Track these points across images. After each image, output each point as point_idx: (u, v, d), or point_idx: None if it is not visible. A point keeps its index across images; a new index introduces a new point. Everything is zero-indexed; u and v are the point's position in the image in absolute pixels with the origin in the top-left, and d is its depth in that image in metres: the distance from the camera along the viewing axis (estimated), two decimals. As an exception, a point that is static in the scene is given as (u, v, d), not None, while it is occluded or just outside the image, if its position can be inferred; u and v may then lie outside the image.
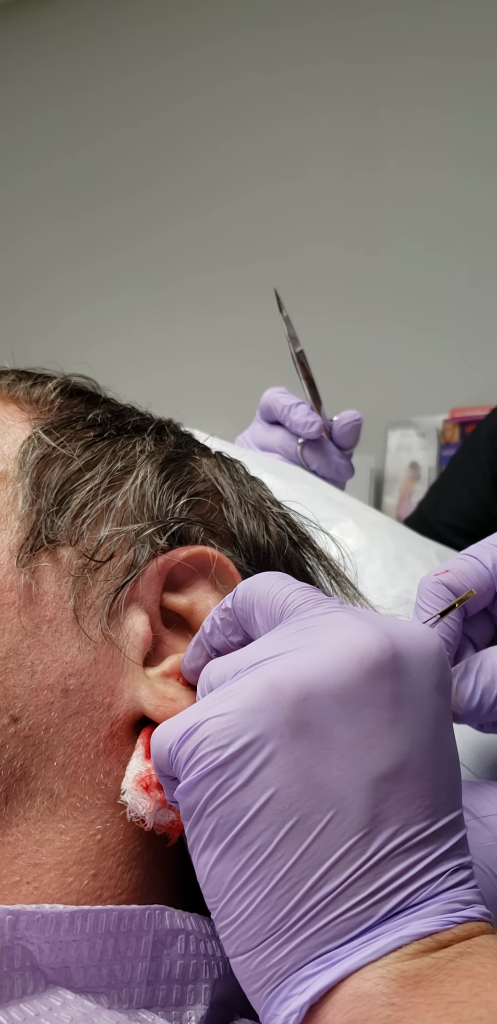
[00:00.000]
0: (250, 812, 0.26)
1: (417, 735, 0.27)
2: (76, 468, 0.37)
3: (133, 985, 0.31)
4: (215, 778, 0.26)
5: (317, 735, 0.26)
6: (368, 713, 0.26)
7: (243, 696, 0.27)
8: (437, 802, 0.26)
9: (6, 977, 0.28)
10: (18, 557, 0.35)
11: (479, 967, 0.25)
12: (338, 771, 0.26)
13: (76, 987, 0.29)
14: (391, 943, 0.25)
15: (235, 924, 0.26)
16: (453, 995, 0.24)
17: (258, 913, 0.26)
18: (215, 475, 0.41)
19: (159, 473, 0.39)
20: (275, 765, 0.26)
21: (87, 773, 0.33)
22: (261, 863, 0.26)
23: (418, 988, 0.24)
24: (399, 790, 0.26)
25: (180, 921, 0.33)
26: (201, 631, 0.34)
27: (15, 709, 0.33)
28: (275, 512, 0.43)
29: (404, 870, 0.25)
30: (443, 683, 0.28)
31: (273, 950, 0.26)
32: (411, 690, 0.27)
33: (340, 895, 0.25)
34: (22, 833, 0.32)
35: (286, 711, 0.26)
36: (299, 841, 0.25)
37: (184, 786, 0.27)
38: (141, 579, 0.36)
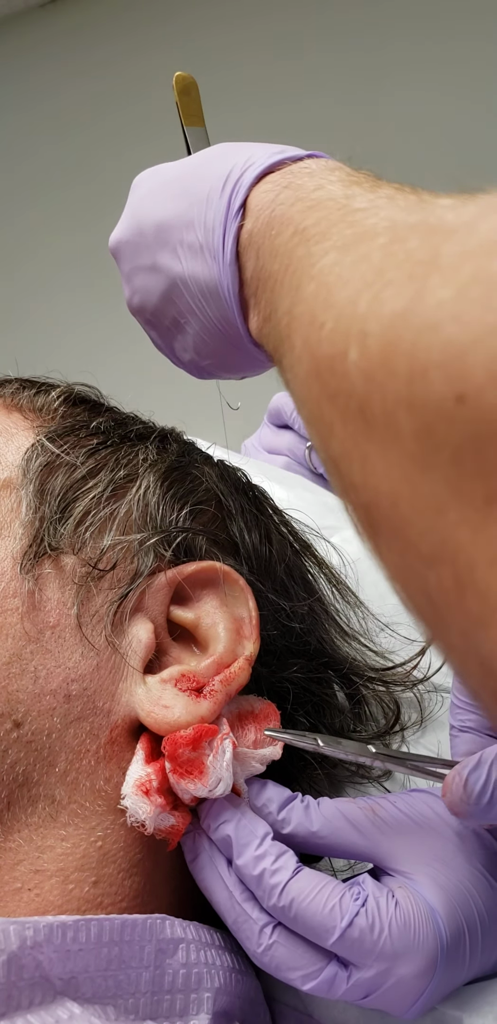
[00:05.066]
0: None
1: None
2: (79, 476, 0.38)
3: (138, 995, 0.31)
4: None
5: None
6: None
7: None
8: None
9: (14, 987, 0.28)
10: (21, 564, 0.35)
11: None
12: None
13: (84, 997, 0.29)
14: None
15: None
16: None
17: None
18: (217, 484, 0.41)
19: (162, 482, 0.39)
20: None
21: (88, 779, 0.33)
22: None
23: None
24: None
25: (181, 930, 0.33)
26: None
27: (18, 714, 0.33)
28: (277, 520, 0.44)
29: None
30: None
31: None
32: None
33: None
34: (24, 839, 0.32)
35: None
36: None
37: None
38: (148, 590, 0.36)
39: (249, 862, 0.32)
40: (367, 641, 0.46)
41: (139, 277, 0.38)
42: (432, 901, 0.32)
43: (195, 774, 0.33)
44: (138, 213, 0.38)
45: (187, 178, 0.36)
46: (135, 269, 0.39)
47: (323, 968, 0.31)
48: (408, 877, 0.33)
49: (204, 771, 0.33)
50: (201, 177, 0.35)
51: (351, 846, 0.34)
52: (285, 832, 0.34)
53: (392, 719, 0.43)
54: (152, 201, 0.37)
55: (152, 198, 0.38)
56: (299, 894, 0.31)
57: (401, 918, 0.31)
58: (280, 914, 0.32)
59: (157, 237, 0.37)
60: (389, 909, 0.31)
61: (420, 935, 0.31)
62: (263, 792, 0.35)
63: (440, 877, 0.33)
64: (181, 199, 0.36)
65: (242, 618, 0.37)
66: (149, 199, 0.38)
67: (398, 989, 0.31)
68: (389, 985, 0.31)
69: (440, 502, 0.19)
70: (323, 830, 0.34)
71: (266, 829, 0.33)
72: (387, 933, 0.31)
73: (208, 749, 0.34)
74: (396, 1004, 0.31)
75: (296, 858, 0.33)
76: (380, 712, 0.44)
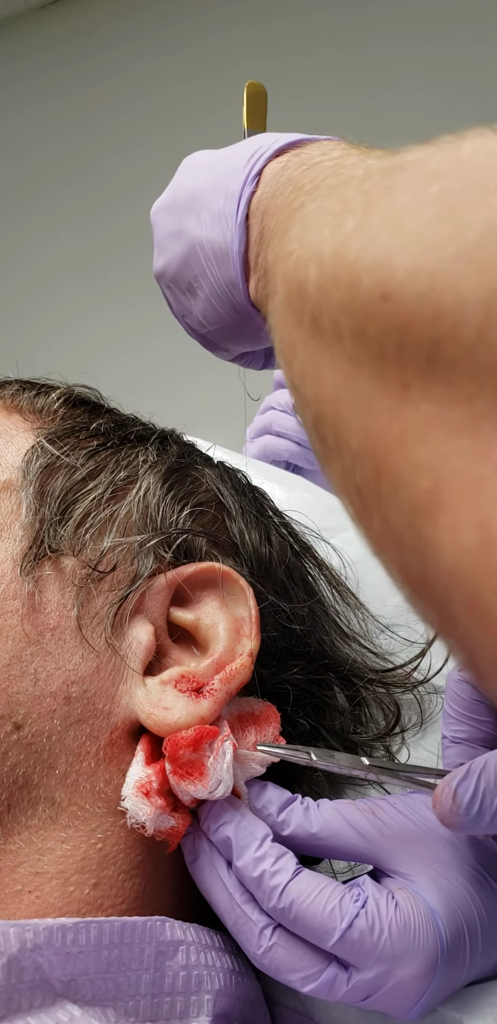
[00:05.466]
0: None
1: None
2: (80, 477, 0.38)
3: (138, 997, 0.31)
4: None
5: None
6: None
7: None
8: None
9: (14, 990, 0.28)
10: (21, 566, 0.35)
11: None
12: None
13: (84, 1000, 0.29)
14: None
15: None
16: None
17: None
18: (217, 485, 0.41)
19: (162, 484, 0.39)
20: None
21: (88, 781, 0.33)
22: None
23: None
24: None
25: (181, 932, 0.33)
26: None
27: (18, 716, 0.33)
28: (277, 521, 0.44)
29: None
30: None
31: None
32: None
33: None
34: (24, 841, 0.32)
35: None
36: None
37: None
38: (148, 592, 0.36)
39: (249, 864, 0.32)
40: (367, 643, 0.46)
41: (166, 241, 0.42)
42: (432, 903, 0.32)
43: (195, 775, 0.33)
44: (176, 185, 0.42)
45: (223, 156, 0.39)
46: (165, 234, 0.42)
47: (323, 970, 0.31)
48: (408, 879, 0.33)
49: (204, 773, 0.33)
50: (234, 155, 0.38)
51: (351, 848, 0.34)
52: (285, 834, 0.34)
53: (392, 721, 0.43)
54: (189, 174, 0.41)
55: (190, 172, 0.41)
56: (299, 896, 0.31)
57: (401, 920, 0.31)
58: (280, 916, 0.32)
59: (186, 204, 0.40)
60: (389, 911, 0.31)
61: (420, 937, 0.31)
62: (263, 794, 0.35)
63: (440, 879, 0.33)
64: (213, 172, 0.39)
65: (242, 618, 0.37)
66: (187, 173, 0.42)
67: (398, 991, 0.31)
68: (389, 987, 0.31)
69: (368, 397, 0.21)
70: (323, 832, 0.34)
71: (266, 831, 0.33)
72: (387, 935, 0.31)
73: (208, 751, 0.34)
74: (396, 1006, 0.31)
75: (296, 860, 0.33)
76: (380, 714, 0.44)
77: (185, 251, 0.40)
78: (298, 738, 0.40)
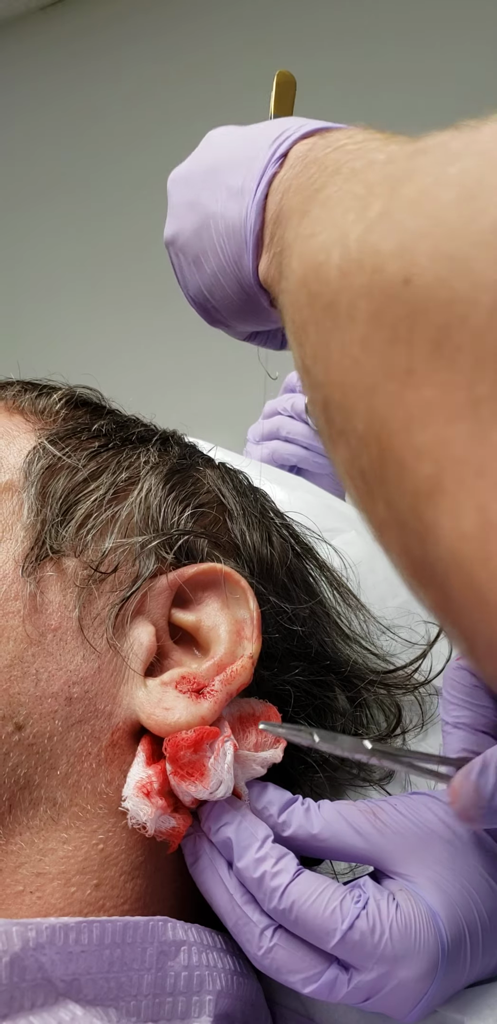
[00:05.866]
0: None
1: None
2: (81, 478, 0.38)
3: (140, 997, 0.31)
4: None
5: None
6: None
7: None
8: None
9: (16, 989, 0.28)
10: (23, 567, 0.35)
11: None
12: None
13: (86, 999, 0.29)
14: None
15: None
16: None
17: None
18: (219, 486, 0.41)
19: (164, 485, 0.39)
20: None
21: (89, 782, 0.33)
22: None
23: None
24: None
25: (182, 932, 0.33)
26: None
27: (20, 717, 0.33)
28: (278, 523, 0.44)
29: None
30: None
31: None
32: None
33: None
34: (25, 842, 0.32)
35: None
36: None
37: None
38: (149, 593, 0.36)
39: (250, 864, 0.32)
40: (368, 644, 0.46)
41: (180, 210, 0.42)
42: (433, 904, 0.32)
43: (196, 776, 0.33)
44: (197, 156, 0.42)
45: (249, 134, 0.39)
46: (180, 203, 0.42)
47: (324, 971, 0.31)
48: (409, 880, 0.33)
49: (205, 773, 0.33)
50: (260, 133, 0.38)
51: (352, 849, 0.34)
52: (286, 835, 0.34)
53: (393, 722, 0.43)
54: (212, 148, 0.41)
55: (213, 145, 0.42)
56: (300, 897, 0.31)
57: (402, 921, 0.31)
58: (281, 917, 0.32)
59: (205, 177, 0.40)
60: (390, 912, 0.31)
61: (421, 938, 0.31)
62: (264, 795, 0.35)
63: (441, 880, 0.33)
64: (236, 149, 0.39)
65: (243, 619, 0.37)
66: (210, 146, 0.42)
67: (399, 992, 0.31)
68: (390, 988, 0.31)
69: (375, 381, 0.22)
70: (324, 833, 0.34)
71: (267, 832, 0.33)
72: (388, 936, 0.31)
73: (209, 751, 0.34)
74: (397, 1007, 0.31)
75: (297, 861, 0.33)
76: (382, 715, 0.44)
77: (197, 223, 0.40)
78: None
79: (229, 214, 0.38)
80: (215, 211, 0.39)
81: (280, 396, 0.75)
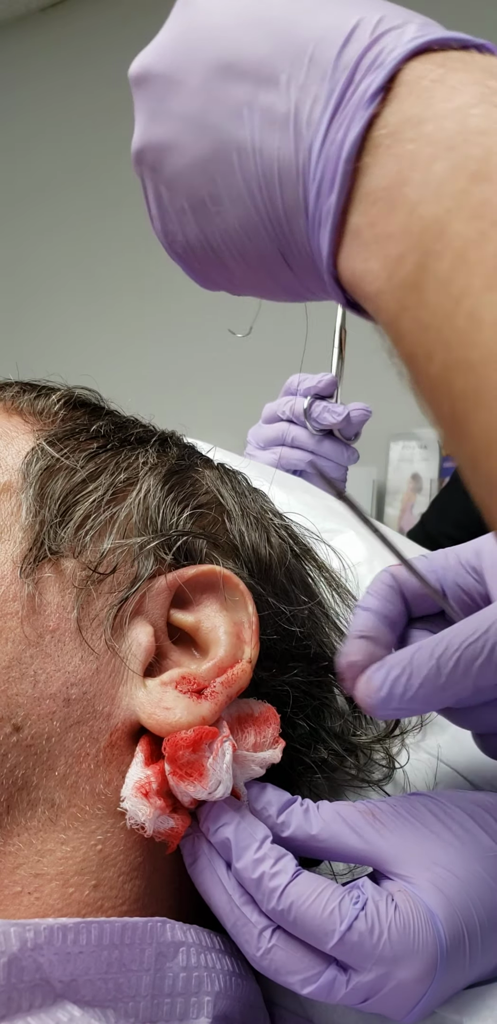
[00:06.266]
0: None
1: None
2: (80, 479, 0.38)
3: (138, 998, 0.31)
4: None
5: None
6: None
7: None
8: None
9: (14, 990, 0.28)
10: (21, 568, 0.35)
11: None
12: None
13: (84, 1000, 0.29)
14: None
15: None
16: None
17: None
18: (217, 487, 0.41)
19: (162, 486, 0.39)
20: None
21: (88, 783, 0.33)
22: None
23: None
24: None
25: (181, 933, 0.33)
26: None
27: (17, 718, 0.33)
28: (277, 523, 0.44)
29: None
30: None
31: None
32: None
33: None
34: (23, 843, 0.32)
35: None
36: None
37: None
38: (148, 594, 0.36)
39: (248, 865, 0.32)
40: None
41: (167, 124, 0.28)
42: (431, 905, 0.32)
43: (195, 776, 0.33)
44: (189, 36, 0.27)
45: (277, 9, 0.26)
46: (164, 112, 0.28)
47: (322, 972, 0.31)
48: (407, 881, 0.33)
49: (204, 773, 0.33)
50: (302, 14, 0.25)
51: (350, 850, 0.34)
52: (284, 835, 0.34)
53: (392, 723, 0.43)
54: (214, 24, 0.27)
55: (215, 19, 0.27)
56: (298, 897, 0.31)
57: (400, 922, 0.31)
58: (279, 917, 0.32)
59: (214, 81, 0.26)
60: (388, 913, 0.31)
61: (419, 939, 0.31)
62: (262, 795, 0.35)
63: (439, 881, 0.33)
64: (263, 37, 0.26)
65: (242, 622, 0.37)
66: (209, 20, 0.27)
67: (397, 993, 0.31)
68: (388, 989, 0.31)
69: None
70: (322, 833, 0.34)
71: (265, 832, 0.33)
72: (386, 937, 0.31)
73: (208, 751, 0.34)
74: (395, 1008, 0.31)
75: (295, 861, 0.33)
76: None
77: (207, 152, 0.27)
78: (298, 739, 0.40)
79: (271, 154, 0.25)
80: (244, 142, 0.26)
81: (279, 399, 0.75)
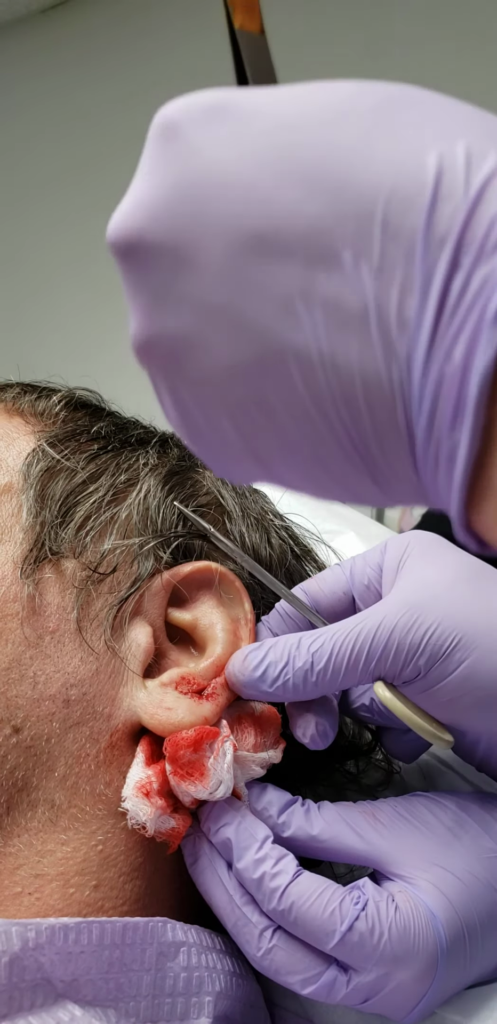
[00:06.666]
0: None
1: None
2: (80, 480, 0.38)
3: (139, 998, 0.31)
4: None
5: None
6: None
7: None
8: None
9: (16, 989, 0.28)
10: (22, 569, 0.35)
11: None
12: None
13: (85, 1000, 0.30)
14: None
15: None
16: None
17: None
18: (218, 488, 0.42)
19: (163, 486, 0.39)
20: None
21: (88, 784, 0.33)
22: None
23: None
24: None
25: (182, 933, 0.33)
26: None
27: (17, 719, 0.33)
28: (277, 524, 0.44)
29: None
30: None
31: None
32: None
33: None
34: (24, 844, 0.32)
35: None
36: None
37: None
38: (146, 593, 0.36)
39: (249, 865, 0.32)
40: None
41: (183, 314, 0.20)
42: (432, 905, 0.32)
43: (196, 776, 0.33)
44: (193, 192, 0.20)
45: (313, 143, 0.19)
46: (175, 297, 0.20)
47: (323, 972, 0.31)
48: (408, 881, 0.33)
49: (205, 773, 0.33)
50: (351, 150, 0.18)
51: (351, 850, 0.34)
52: (285, 836, 0.34)
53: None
54: (227, 173, 0.19)
55: (227, 166, 0.19)
56: (299, 898, 0.31)
57: (401, 922, 0.31)
58: (280, 918, 0.32)
59: (243, 259, 0.19)
60: (389, 913, 0.31)
61: (420, 939, 0.31)
62: (263, 795, 0.35)
63: (440, 882, 0.33)
64: (304, 191, 0.19)
65: (238, 619, 0.37)
66: (218, 167, 0.20)
67: (398, 993, 0.31)
68: (389, 989, 0.31)
69: None
70: (323, 834, 0.34)
71: (266, 832, 0.33)
72: (387, 937, 0.31)
73: (209, 751, 0.34)
74: (396, 1008, 0.31)
75: (296, 862, 0.33)
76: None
77: (249, 355, 0.20)
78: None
79: (344, 361, 0.19)
80: (299, 346, 0.19)
81: None
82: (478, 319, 0.17)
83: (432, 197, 0.18)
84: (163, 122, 0.21)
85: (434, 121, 0.19)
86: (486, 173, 0.18)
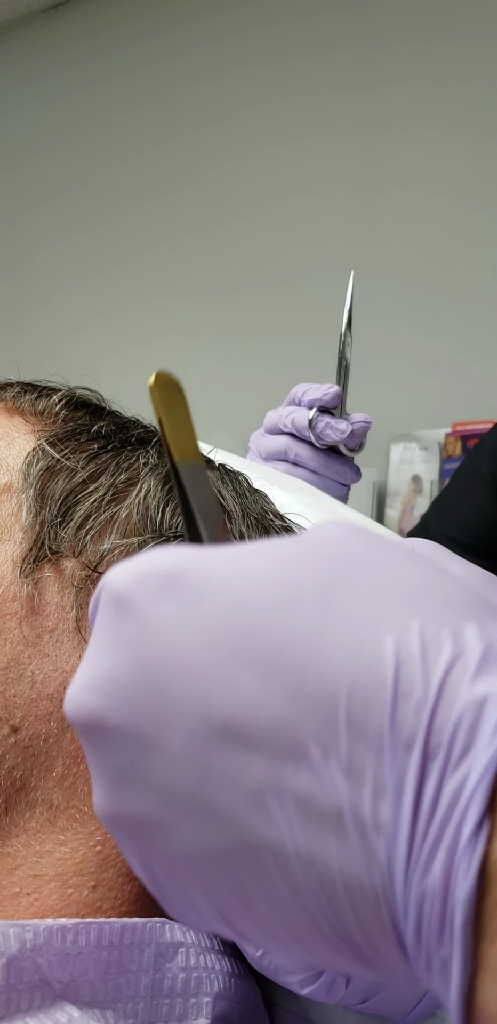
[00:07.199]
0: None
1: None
2: (80, 480, 0.38)
3: (137, 999, 0.31)
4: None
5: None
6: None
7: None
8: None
9: (13, 990, 0.28)
10: (21, 568, 0.35)
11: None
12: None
13: (83, 1001, 0.29)
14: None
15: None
16: None
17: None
18: (218, 488, 0.41)
19: (163, 486, 0.39)
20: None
21: (86, 784, 0.33)
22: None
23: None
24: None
25: (180, 934, 0.33)
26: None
27: (15, 719, 0.33)
28: (278, 525, 0.44)
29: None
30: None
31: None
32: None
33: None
34: (22, 844, 0.32)
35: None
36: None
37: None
38: None
39: None
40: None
41: (147, 796, 0.20)
42: None
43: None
44: (149, 675, 0.19)
45: (268, 623, 0.19)
46: (137, 779, 0.20)
47: (322, 972, 0.31)
48: None
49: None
50: (307, 633, 0.18)
51: None
52: None
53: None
54: (183, 658, 0.19)
55: (182, 651, 0.19)
56: None
57: None
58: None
59: (207, 747, 0.19)
60: None
61: None
62: None
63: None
64: (263, 679, 0.18)
65: None
66: (172, 651, 0.19)
67: (397, 994, 0.31)
68: (388, 989, 0.31)
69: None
70: None
71: None
72: None
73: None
74: (395, 1008, 0.31)
75: None
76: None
77: (220, 844, 0.19)
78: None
79: (322, 859, 0.18)
80: (274, 841, 0.18)
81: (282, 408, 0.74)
82: (453, 838, 0.16)
83: (393, 695, 0.17)
84: (115, 594, 0.20)
85: (386, 595, 0.19)
86: (442, 668, 0.17)
